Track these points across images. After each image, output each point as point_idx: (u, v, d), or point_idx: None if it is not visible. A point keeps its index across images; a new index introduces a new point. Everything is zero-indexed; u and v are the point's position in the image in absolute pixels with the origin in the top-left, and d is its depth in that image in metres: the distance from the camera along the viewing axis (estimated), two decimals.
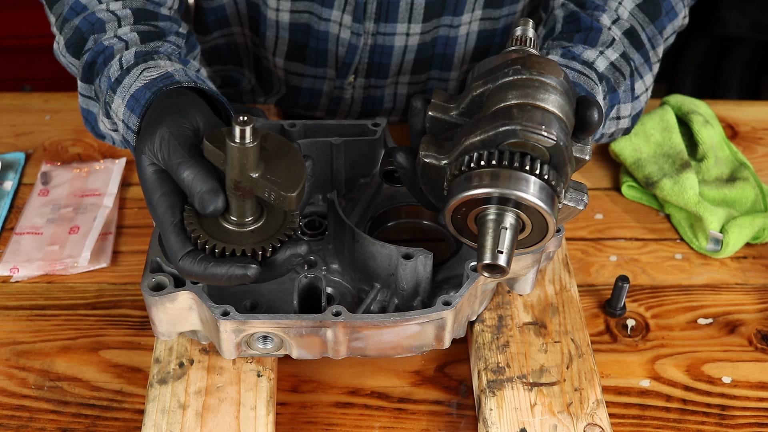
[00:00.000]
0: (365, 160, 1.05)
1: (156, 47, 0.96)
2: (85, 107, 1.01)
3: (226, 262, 0.79)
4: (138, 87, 0.89)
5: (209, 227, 0.80)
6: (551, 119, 0.75)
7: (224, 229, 0.81)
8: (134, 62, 0.93)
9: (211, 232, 0.80)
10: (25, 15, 2.30)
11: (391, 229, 1.07)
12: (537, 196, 0.74)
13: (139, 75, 0.90)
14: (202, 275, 0.79)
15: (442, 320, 0.86)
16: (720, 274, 1.11)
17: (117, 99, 0.91)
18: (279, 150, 0.78)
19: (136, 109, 0.88)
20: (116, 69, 0.93)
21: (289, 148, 0.79)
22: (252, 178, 0.75)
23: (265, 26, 1.21)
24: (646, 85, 1.05)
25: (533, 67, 0.78)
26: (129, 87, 0.90)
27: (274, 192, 0.76)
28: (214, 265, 0.79)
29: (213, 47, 1.29)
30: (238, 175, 0.75)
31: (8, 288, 1.05)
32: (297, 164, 0.78)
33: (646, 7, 1.05)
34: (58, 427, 0.91)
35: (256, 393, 0.88)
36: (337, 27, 1.18)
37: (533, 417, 0.87)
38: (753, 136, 1.33)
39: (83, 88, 0.99)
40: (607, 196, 1.22)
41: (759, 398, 0.96)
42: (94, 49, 0.97)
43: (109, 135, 0.99)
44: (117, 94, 0.91)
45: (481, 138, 0.76)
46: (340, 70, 1.24)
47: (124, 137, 0.91)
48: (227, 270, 0.78)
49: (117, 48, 0.95)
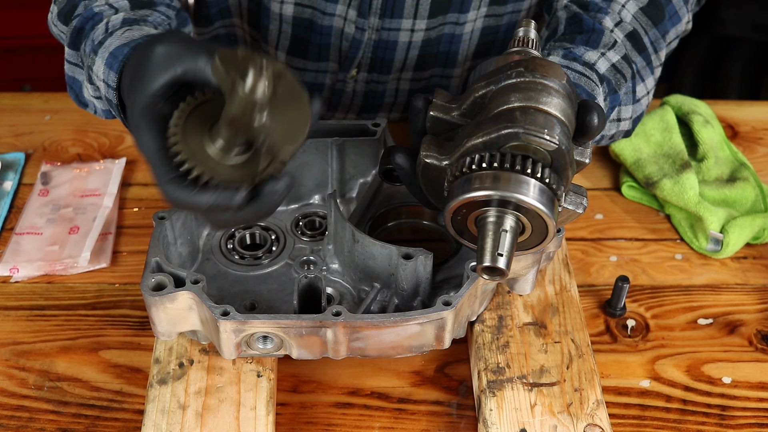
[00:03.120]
0: (365, 160, 1.05)
1: (145, 15, 0.96)
2: (71, 74, 1.00)
3: (209, 189, 0.76)
4: (117, 45, 0.88)
5: (195, 149, 0.77)
6: (553, 123, 0.75)
7: (209, 154, 0.77)
8: (119, 27, 0.92)
9: (196, 155, 0.76)
10: (25, 15, 2.30)
11: (391, 229, 1.07)
12: (537, 199, 0.74)
13: (120, 35, 0.90)
14: (186, 202, 0.77)
15: (442, 320, 0.86)
16: (720, 274, 1.11)
17: (98, 60, 0.90)
18: (289, 95, 0.74)
19: (114, 65, 0.87)
20: (101, 32, 0.92)
21: (299, 98, 0.75)
22: (251, 122, 0.72)
23: (268, 19, 1.21)
24: (648, 88, 1.05)
25: (536, 69, 0.78)
26: (109, 46, 0.89)
27: (268, 143, 0.73)
28: (198, 192, 0.76)
29: (213, 38, 1.29)
30: (238, 115, 0.71)
31: (8, 288, 1.05)
32: (301, 120, 0.74)
33: (650, 11, 1.05)
34: (58, 427, 0.91)
35: (256, 393, 0.88)
36: (342, 21, 1.17)
37: (533, 417, 0.87)
38: (753, 136, 1.33)
39: (70, 54, 0.98)
40: (607, 196, 1.22)
41: (759, 398, 0.96)
42: (83, 15, 0.96)
43: (92, 103, 0.98)
44: (98, 55, 0.90)
45: (483, 140, 0.76)
46: (343, 63, 1.24)
47: (106, 97, 0.90)
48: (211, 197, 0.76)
49: (107, 14, 0.95)
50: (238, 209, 0.77)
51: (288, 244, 1.02)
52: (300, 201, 1.06)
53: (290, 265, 0.99)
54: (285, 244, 1.02)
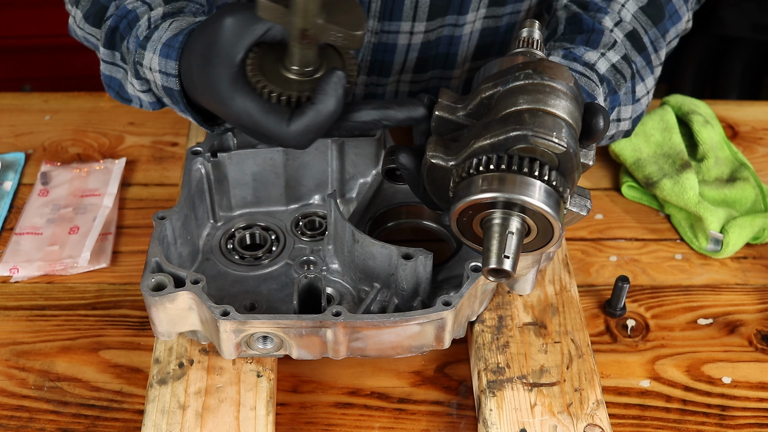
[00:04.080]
0: (365, 160, 1.05)
1: (181, 7, 0.98)
2: (108, 74, 1.01)
3: (319, 88, 0.81)
4: (169, 36, 0.91)
5: (274, 78, 0.83)
6: (561, 126, 0.75)
7: (289, 79, 0.83)
8: (162, 20, 0.94)
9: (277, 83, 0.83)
10: (25, 15, 2.30)
11: (391, 229, 1.07)
12: (544, 202, 0.74)
13: (168, 27, 0.92)
14: (317, 120, 0.82)
15: (442, 320, 0.86)
16: (720, 274, 1.11)
17: (148, 53, 0.92)
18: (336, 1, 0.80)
19: (171, 54, 0.90)
20: (144, 28, 0.94)
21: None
22: (318, 23, 0.77)
23: None
24: (648, 88, 1.05)
25: (544, 72, 0.78)
26: (160, 39, 0.91)
27: (341, 33, 0.78)
28: (315, 99, 0.81)
29: None
30: (304, 22, 0.77)
31: (8, 288, 1.05)
32: (354, 7, 0.80)
33: (650, 10, 1.05)
34: (57, 427, 0.91)
35: (256, 393, 0.88)
36: None
37: (533, 417, 0.87)
38: (753, 136, 1.33)
39: (105, 54, 0.99)
40: (607, 197, 1.22)
41: (759, 398, 0.96)
42: (116, 14, 0.97)
43: (137, 98, 0.99)
44: (147, 49, 0.92)
45: (491, 141, 0.76)
46: None
47: (165, 87, 0.92)
48: (328, 89, 0.81)
49: (141, 11, 0.96)
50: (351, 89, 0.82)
51: (288, 244, 1.02)
52: (300, 201, 1.06)
53: (290, 265, 0.99)
54: (285, 244, 1.02)
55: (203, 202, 1.01)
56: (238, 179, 1.02)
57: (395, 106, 0.85)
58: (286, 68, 0.83)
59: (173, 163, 1.24)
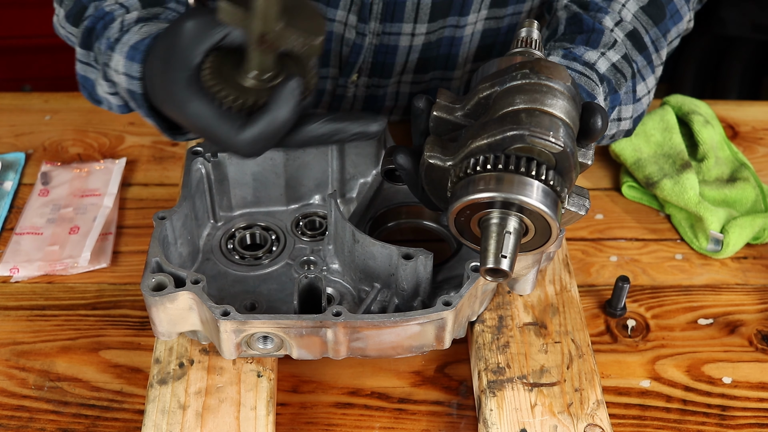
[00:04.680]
0: (365, 160, 1.05)
1: (157, 13, 0.97)
2: (83, 74, 1.01)
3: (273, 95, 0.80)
4: (136, 39, 0.90)
5: (231, 84, 0.81)
6: (559, 125, 0.75)
7: (246, 86, 0.82)
8: (134, 24, 0.94)
9: (233, 89, 0.81)
10: (25, 15, 2.30)
11: (391, 229, 1.07)
12: (541, 201, 0.74)
13: (138, 31, 0.92)
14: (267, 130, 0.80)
15: (443, 320, 0.86)
16: (720, 274, 1.11)
17: (116, 56, 0.92)
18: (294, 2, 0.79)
19: (136, 57, 0.89)
20: (116, 30, 0.94)
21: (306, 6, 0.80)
22: (277, 28, 0.76)
23: None
24: (648, 87, 1.05)
25: (541, 71, 0.78)
26: (128, 42, 0.91)
27: (300, 39, 0.77)
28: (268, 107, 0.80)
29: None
30: (263, 26, 0.76)
31: (8, 288, 1.05)
32: (314, 14, 0.79)
33: (650, 10, 1.05)
34: (58, 427, 0.91)
35: (256, 393, 0.88)
36: (342, 27, 1.17)
37: (533, 417, 0.87)
38: (753, 136, 1.33)
39: (81, 54, 1.00)
40: (607, 197, 1.22)
41: (759, 398, 0.96)
42: (94, 15, 0.98)
43: (107, 100, 0.99)
44: (116, 51, 0.92)
45: (488, 141, 0.76)
46: (343, 69, 1.24)
47: (128, 90, 0.92)
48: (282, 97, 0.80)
49: (117, 13, 0.96)
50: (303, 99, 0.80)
51: (288, 244, 1.02)
52: (300, 201, 1.06)
53: (290, 265, 0.99)
54: (285, 244, 1.02)
55: (203, 202, 1.01)
56: (239, 179, 1.02)
57: (350, 120, 0.84)
58: (244, 74, 0.81)
59: (173, 163, 1.24)
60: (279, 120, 0.80)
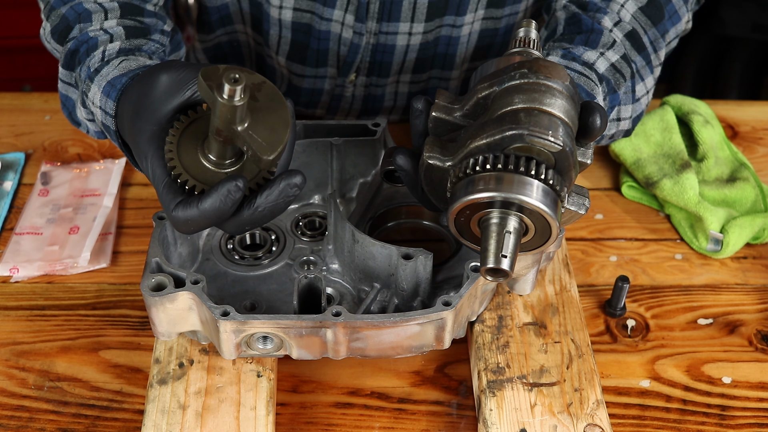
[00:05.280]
0: (365, 160, 1.05)
1: (140, 44, 0.97)
2: (65, 93, 1.02)
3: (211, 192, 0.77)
4: (115, 75, 0.90)
5: (190, 164, 0.80)
6: (557, 124, 0.75)
7: (204, 167, 0.80)
8: (116, 56, 0.94)
9: (191, 170, 0.80)
10: (25, 15, 2.29)
11: (391, 230, 1.07)
12: (541, 201, 0.74)
13: (117, 65, 0.92)
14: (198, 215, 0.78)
15: (442, 320, 0.86)
16: (720, 274, 1.11)
17: (94, 87, 0.92)
18: (269, 104, 0.77)
19: (111, 94, 0.89)
20: (97, 60, 0.94)
21: (279, 105, 0.78)
22: (234, 131, 0.75)
23: (269, 24, 1.21)
24: (647, 87, 1.05)
25: (540, 71, 0.78)
26: (107, 75, 0.91)
27: (252, 149, 0.75)
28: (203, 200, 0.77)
29: (216, 45, 1.30)
30: (221, 125, 0.75)
31: (8, 288, 1.05)
32: (282, 125, 0.77)
33: (649, 10, 1.05)
34: (58, 427, 0.91)
35: (256, 393, 0.88)
36: (339, 26, 1.18)
37: (533, 417, 0.87)
38: (753, 136, 1.33)
39: (64, 74, 1.00)
40: (607, 196, 1.22)
41: (759, 398, 0.96)
42: (78, 38, 0.98)
43: (85, 123, 1.00)
44: (94, 82, 0.92)
45: (487, 141, 0.76)
46: (341, 68, 1.24)
47: (103, 123, 0.92)
48: (217, 197, 0.77)
49: (101, 39, 0.96)
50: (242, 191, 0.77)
51: (288, 244, 1.02)
52: (300, 201, 1.06)
53: (290, 265, 0.99)
54: (285, 244, 1.02)
55: None
56: None
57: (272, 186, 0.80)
58: (203, 151, 0.80)
59: None
60: (209, 213, 0.78)
